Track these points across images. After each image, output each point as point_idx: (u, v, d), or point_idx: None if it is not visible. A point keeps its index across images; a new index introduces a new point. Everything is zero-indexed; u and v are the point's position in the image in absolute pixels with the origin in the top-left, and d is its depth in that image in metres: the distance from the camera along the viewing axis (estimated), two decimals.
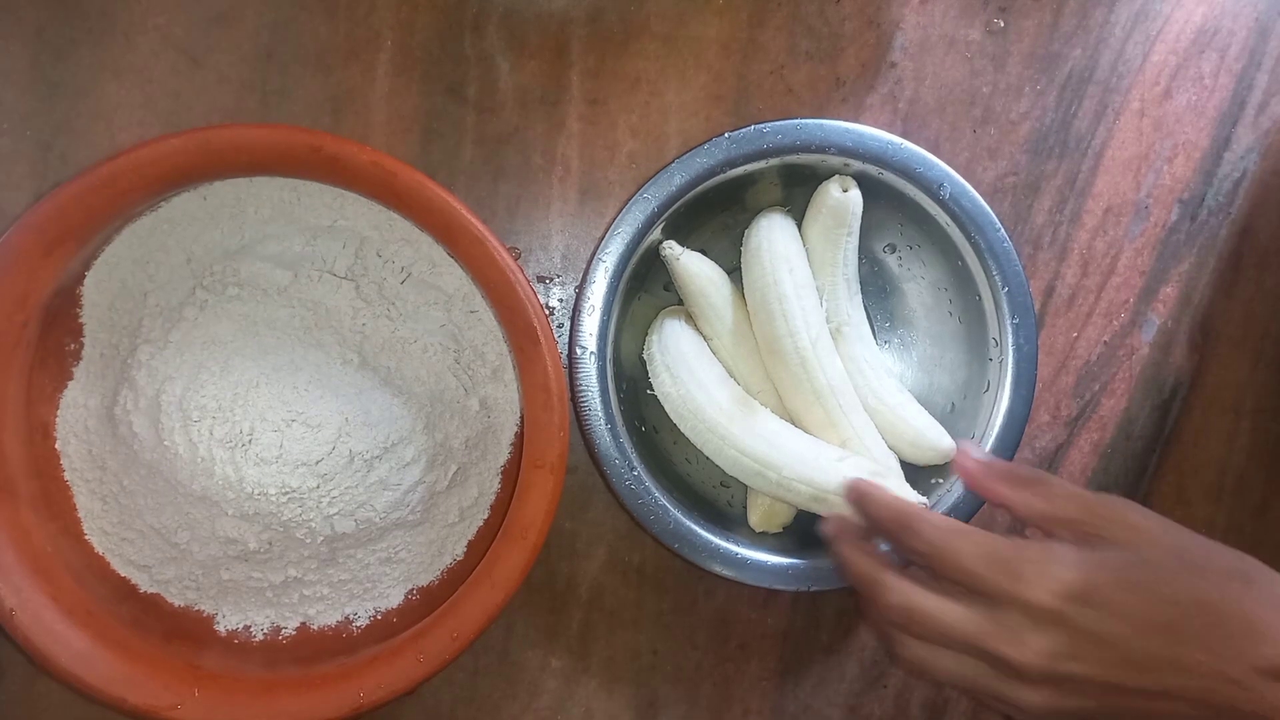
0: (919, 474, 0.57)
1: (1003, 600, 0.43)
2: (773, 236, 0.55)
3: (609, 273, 0.54)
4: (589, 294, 0.54)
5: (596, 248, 0.55)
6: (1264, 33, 0.61)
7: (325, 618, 0.55)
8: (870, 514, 0.50)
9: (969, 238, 0.55)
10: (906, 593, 0.45)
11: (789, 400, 0.56)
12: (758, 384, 0.57)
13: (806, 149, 0.55)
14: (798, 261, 0.55)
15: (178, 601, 0.54)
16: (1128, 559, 0.43)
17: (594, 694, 0.60)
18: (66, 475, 0.54)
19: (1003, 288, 0.55)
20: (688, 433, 0.55)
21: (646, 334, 0.58)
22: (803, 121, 0.55)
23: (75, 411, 0.54)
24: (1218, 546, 0.45)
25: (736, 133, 0.55)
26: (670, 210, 0.55)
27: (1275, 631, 0.41)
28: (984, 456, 0.50)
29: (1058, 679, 0.42)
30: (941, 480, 0.56)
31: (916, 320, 0.60)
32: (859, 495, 0.51)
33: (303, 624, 0.55)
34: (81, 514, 0.54)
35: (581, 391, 0.54)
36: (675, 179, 0.54)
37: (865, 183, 0.56)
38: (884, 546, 0.50)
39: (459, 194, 0.54)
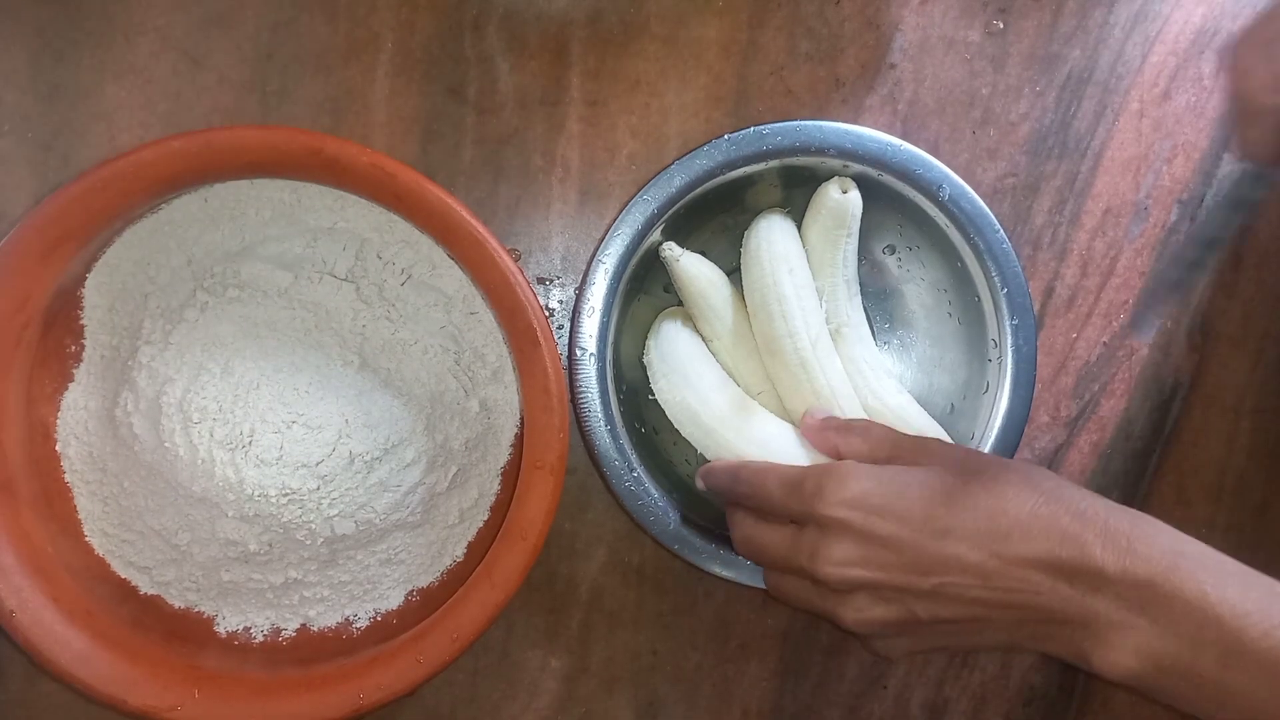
0: None
1: (803, 519, 0.46)
2: (772, 238, 0.55)
3: (609, 274, 0.54)
4: (589, 295, 0.54)
5: (596, 249, 0.55)
6: None
7: (325, 619, 0.55)
8: (711, 486, 0.53)
9: (968, 239, 0.55)
10: (743, 525, 0.50)
11: (789, 401, 0.56)
12: (758, 385, 0.57)
13: (806, 151, 0.55)
14: (797, 263, 0.55)
15: (178, 603, 0.54)
16: (912, 472, 0.46)
17: (594, 694, 0.60)
18: (67, 477, 0.54)
19: (1002, 289, 0.55)
20: (687, 436, 0.56)
21: (646, 337, 0.58)
22: (802, 123, 0.55)
23: (76, 413, 0.54)
24: (1011, 462, 0.47)
25: (736, 134, 0.55)
26: (670, 211, 0.55)
27: (1040, 527, 0.42)
28: (824, 416, 0.53)
29: (855, 586, 0.44)
30: None
31: (916, 321, 0.60)
32: (702, 473, 0.54)
33: (303, 625, 0.55)
34: (82, 515, 0.54)
35: (581, 393, 0.54)
36: (675, 180, 0.54)
37: (865, 184, 0.56)
38: None
39: (459, 195, 0.54)
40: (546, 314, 0.52)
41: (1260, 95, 0.45)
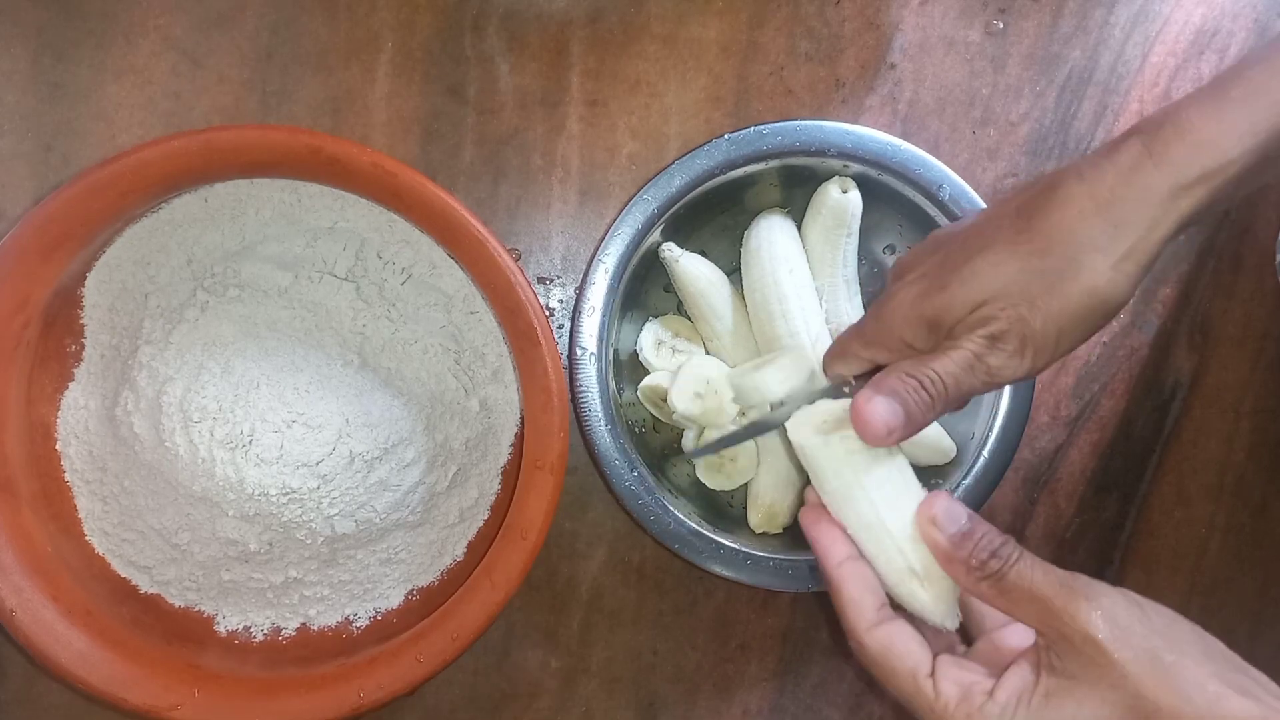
0: (919, 474, 0.57)
1: None
2: (772, 237, 0.55)
3: (609, 274, 0.54)
4: (589, 295, 0.54)
5: (596, 249, 0.55)
6: (1263, 33, 0.61)
7: (325, 618, 0.55)
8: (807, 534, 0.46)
9: None
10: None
11: None
12: None
13: (806, 150, 0.55)
14: (797, 262, 0.55)
15: (178, 602, 0.54)
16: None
17: (594, 694, 0.60)
18: (67, 476, 0.54)
19: None
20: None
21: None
22: (802, 123, 0.55)
23: (76, 412, 0.54)
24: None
25: (736, 134, 0.55)
26: (670, 211, 0.55)
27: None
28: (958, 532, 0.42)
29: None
30: (941, 481, 0.56)
31: None
32: (805, 522, 0.46)
33: (303, 625, 0.55)
34: (82, 515, 0.54)
35: (581, 392, 0.54)
36: (675, 180, 0.54)
37: (865, 184, 0.56)
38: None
39: (459, 195, 0.54)
40: (547, 313, 0.52)
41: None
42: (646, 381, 0.56)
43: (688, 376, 0.55)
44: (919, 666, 0.41)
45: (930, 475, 0.57)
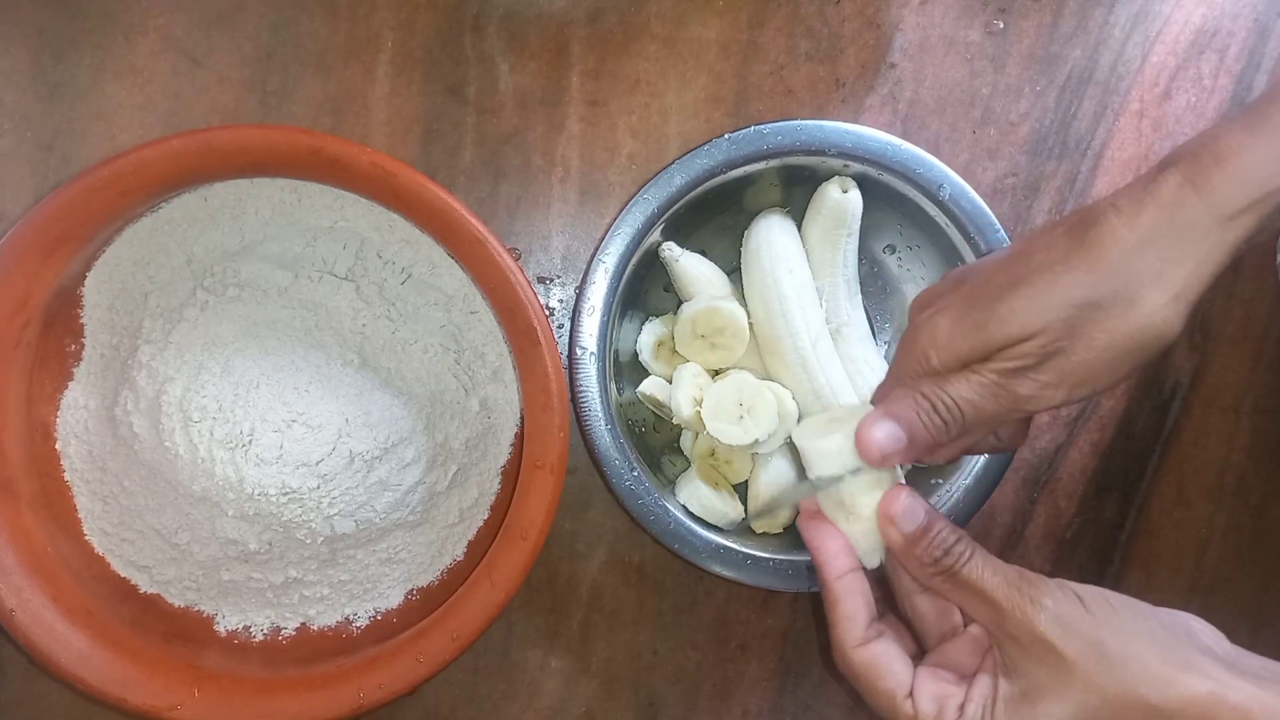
0: (918, 474, 0.57)
1: None
2: (772, 237, 0.55)
3: (609, 273, 0.54)
4: (589, 295, 0.54)
5: (596, 248, 0.55)
6: (1263, 34, 0.61)
7: (325, 618, 0.55)
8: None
9: (968, 239, 0.55)
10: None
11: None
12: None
13: (806, 150, 0.55)
14: (797, 262, 0.55)
15: (178, 602, 0.54)
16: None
17: (594, 694, 0.60)
18: (67, 476, 0.54)
19: None
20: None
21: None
22: (802, 123, 0.55)
23: (76, 412, 0.54)
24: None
25: (736, 134, 0.55)
26: (670, 211, 0.55)
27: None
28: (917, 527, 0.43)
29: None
30: (941, 480, 0.56)
31: None
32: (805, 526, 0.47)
33: (303, 624, 0.55)
34: (82, 514, 0.54)
35: (581, 392, 0.54)
36: (675, 180, 0.55)
37: (865, 183, 0.56)
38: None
39: (459, 195, 0.54)
40: (547, 313, 0.52)
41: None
42: (643, 389, 0.56)
43: (686, 381, 0.55)
44: (899, 688, 0.42)
45: (931, 475, 0.57)
